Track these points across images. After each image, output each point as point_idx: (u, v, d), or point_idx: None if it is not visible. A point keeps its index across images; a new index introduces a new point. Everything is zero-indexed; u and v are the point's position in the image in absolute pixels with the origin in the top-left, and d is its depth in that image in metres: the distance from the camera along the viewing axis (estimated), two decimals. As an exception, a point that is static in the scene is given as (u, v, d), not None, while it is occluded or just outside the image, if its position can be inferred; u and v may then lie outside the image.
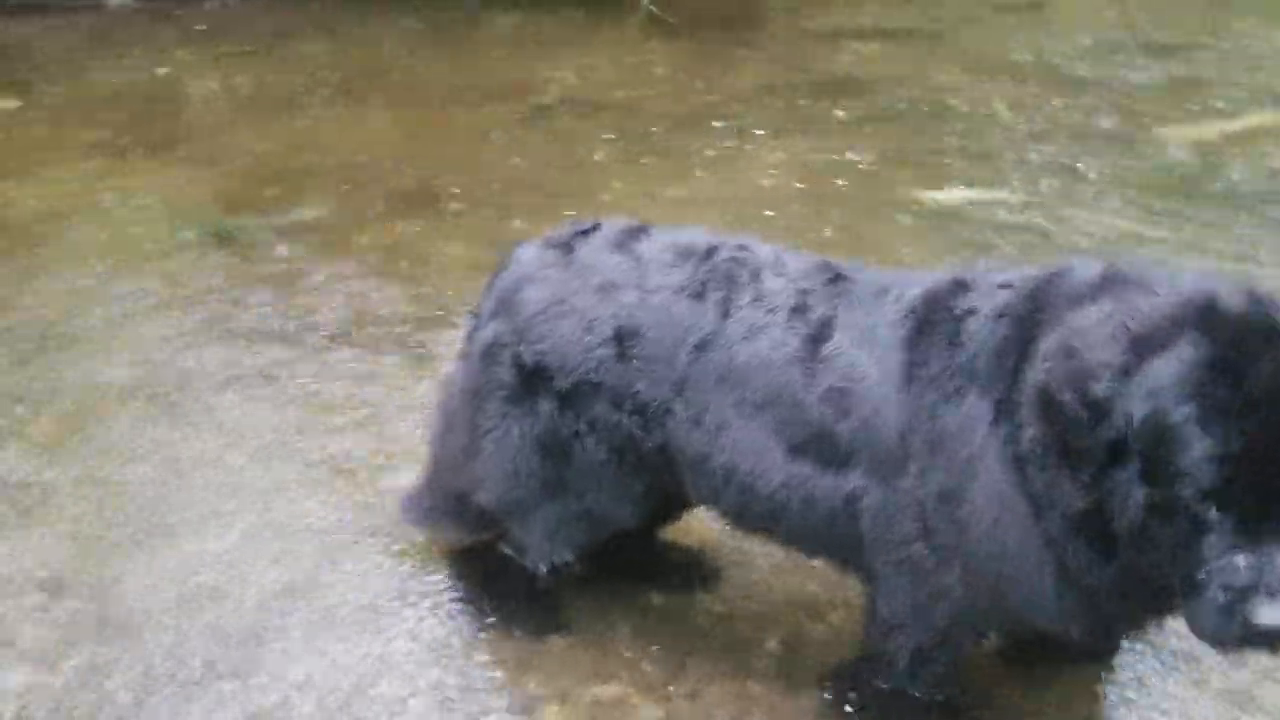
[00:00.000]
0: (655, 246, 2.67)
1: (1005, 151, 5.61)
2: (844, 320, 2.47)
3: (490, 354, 2.69)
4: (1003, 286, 2.37)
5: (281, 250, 4.83)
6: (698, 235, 2.72)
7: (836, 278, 2.56)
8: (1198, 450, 1.96)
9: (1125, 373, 2.03)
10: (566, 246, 2.71)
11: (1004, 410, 2.24)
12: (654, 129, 5.98)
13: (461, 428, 2.78)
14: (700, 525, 3.04)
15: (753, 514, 2.59)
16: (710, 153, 5.69)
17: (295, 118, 6.26)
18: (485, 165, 5.62)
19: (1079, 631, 2.33)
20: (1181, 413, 1.97)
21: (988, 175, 5.35)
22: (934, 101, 6.23)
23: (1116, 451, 2.04)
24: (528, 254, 2.74)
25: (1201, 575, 2.00)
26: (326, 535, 3.19)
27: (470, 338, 2.80)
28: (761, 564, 3.03)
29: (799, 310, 2.51)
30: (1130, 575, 2.14)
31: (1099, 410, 2.04)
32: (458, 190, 5.33)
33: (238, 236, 4.93)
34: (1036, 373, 2.15)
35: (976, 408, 2.28)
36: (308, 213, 5.15)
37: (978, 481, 2.27)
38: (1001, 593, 2.32)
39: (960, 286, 2.42)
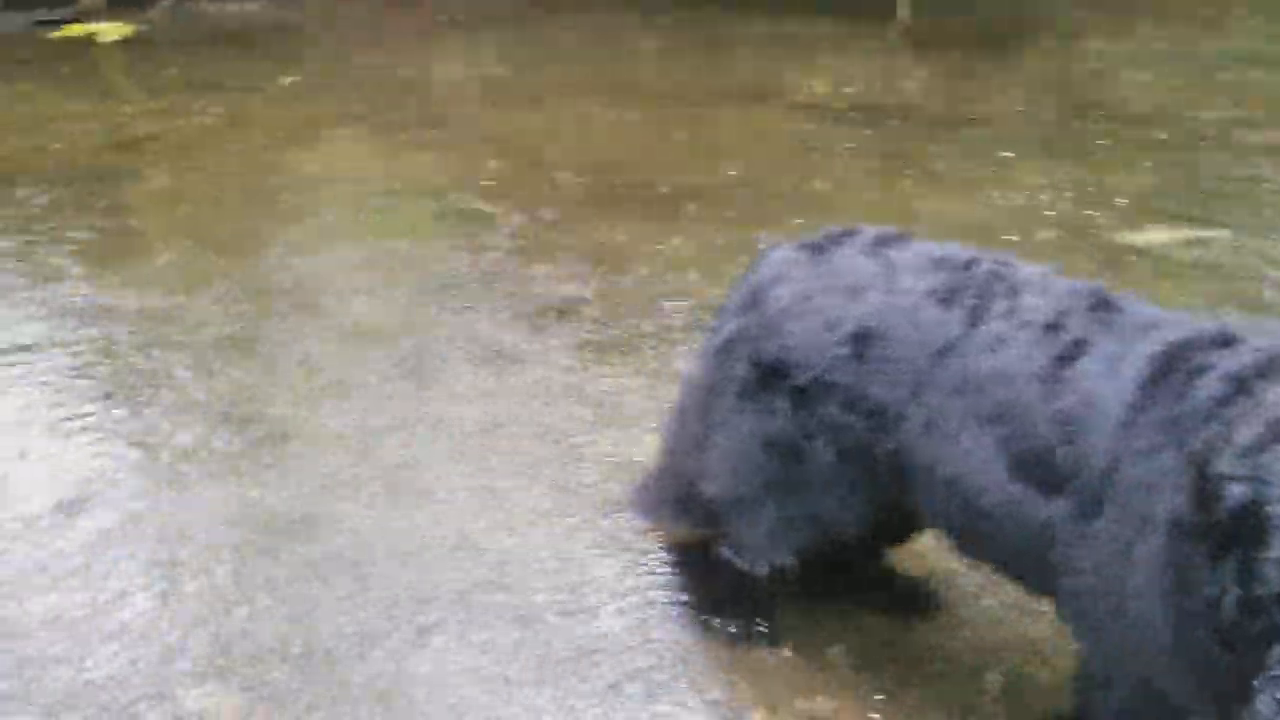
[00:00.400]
0: (910, 254, 2.60)
1: (1275, 201, 5.24)
2: (1098, 346, 2.32)
3: (729, 349, 2.67)
4: (1256, 350, 2.17)
5: (519, 232, 4.95)
6: (957, 248, 2.64)
7: (1103, 304, 2.42)
8: (1276, 550, 1.80)
9: (1247, 453, 1.87)
10: (819, 248, 2.66)
11: (1178, 473, 2.08)
12: (900, 142, 5.86)
13: (695, 420, 2.77)
14: (928, 551, 2.93)
15: (970, 531, 2.47)
16: (955, 170, 5.52)
17: (544, 108, 6.42)
18: (725, 165, 5.62)
19: None
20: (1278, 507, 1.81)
21: (1254, 224, 4.97)
22: (1204, 137, 5.87)
23: (1227, 536, 1.89)
24: (779, 254, 2.70)
25: (1258, 681, 1.83)
26: (547, 513, 3.23)
27: (712, 333, 2.79)
28: (989, 598, 2.89)
29: (1052, 328, 2.37)
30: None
31: (1216, 487, 1.90)
32: (694, 188, 5.35)
33: (477, 215, 5.08)
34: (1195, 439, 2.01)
35: (1165, 466, 2.12)
36: (547, 199, 5.26)
37: (1141, 543, 2.13)
38: (1147, 664, 2.17)
39: (1220, 340, 2.23)
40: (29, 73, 6.50)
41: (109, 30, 6.91)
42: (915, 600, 2.90)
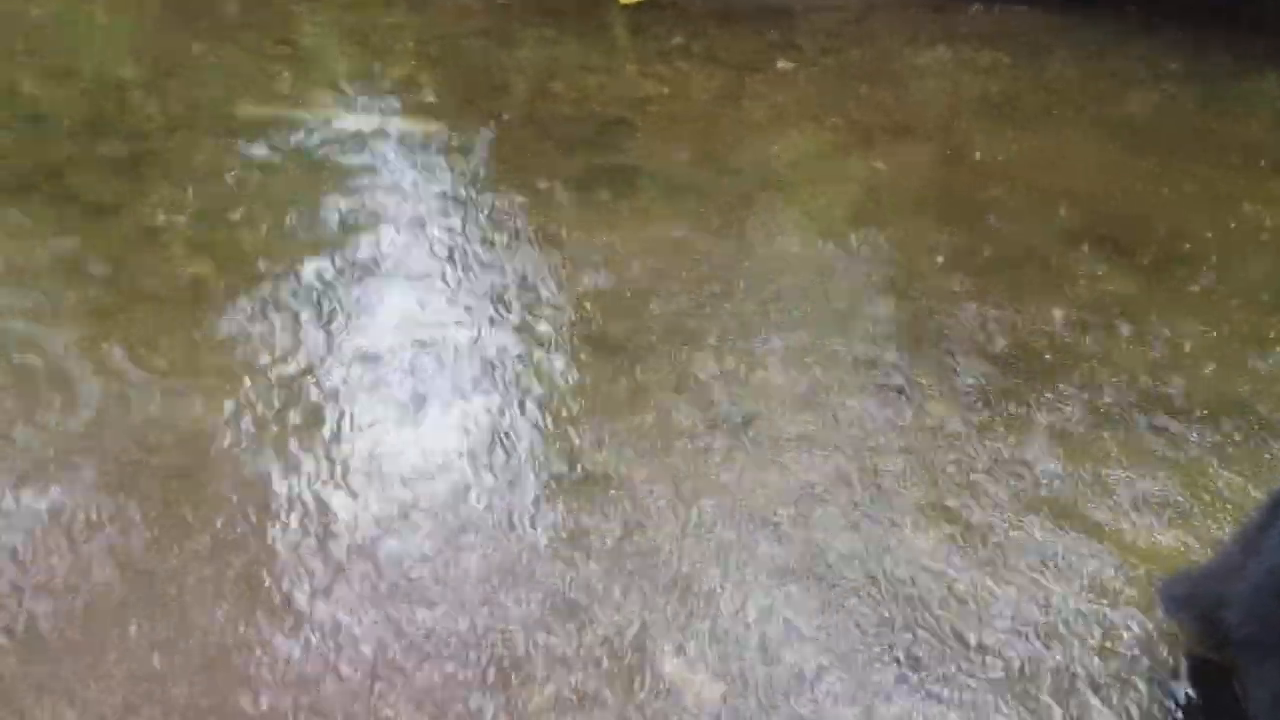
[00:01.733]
0: None
1: None
2: None
3: (1302, 479, 2.49)
4: None
5: (998, 259, 4.77)
6: None
7: None
8: None
9: None
10: None
11: None
12: None
13: (1244, 541, 2.64)
14: None
15: None
16: None
17: (1034, 134, 6.17)
18: (1236, 233, 5.18)
19: None
20: None
21: None
22: None
23: None
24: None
25: None
26: (1077, 595, 3.16)
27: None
28: None
29: None
30: None
31: None
32: (1202, 253, 4.96)
33: (953, 231, 4.94)
34: None
35: None
36: (1027, 225, 5.04)
37: None
38: None
39: None
40: (552, 22, 6.96)
41: (630, -9, 7.26)
42: None
